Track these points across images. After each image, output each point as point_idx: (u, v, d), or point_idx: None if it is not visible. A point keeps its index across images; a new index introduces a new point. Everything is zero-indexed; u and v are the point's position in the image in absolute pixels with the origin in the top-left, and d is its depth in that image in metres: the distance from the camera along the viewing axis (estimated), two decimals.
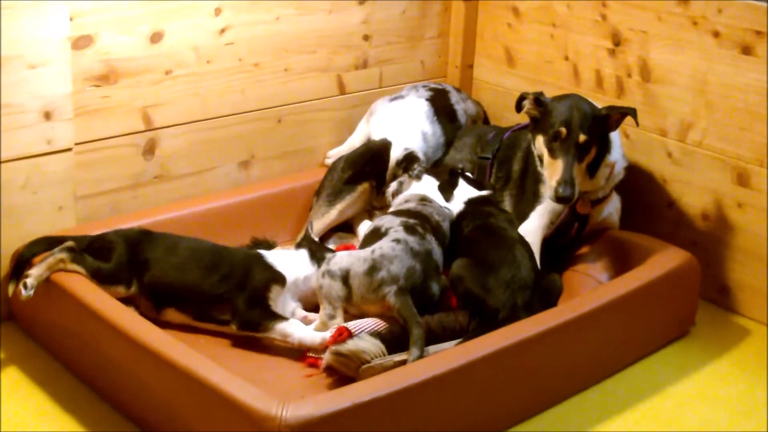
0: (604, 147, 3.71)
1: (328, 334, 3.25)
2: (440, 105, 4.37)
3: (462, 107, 4.48)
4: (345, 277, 3.34)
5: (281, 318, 3.32)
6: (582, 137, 3.59)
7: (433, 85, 4.51)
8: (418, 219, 3.54)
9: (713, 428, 3.25)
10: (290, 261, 3.52)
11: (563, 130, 3.60)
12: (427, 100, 4.35)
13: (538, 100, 3.72)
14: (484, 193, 3.79)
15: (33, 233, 3.52)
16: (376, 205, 4.10)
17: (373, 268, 3.32)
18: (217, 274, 3.41)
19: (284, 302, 3.43)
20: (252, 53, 4.08)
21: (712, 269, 3.98)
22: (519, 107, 3.77)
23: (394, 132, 4.15)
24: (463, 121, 4.45)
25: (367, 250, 3.39)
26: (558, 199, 3.59)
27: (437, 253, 3.50)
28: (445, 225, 3.64)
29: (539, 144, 3.70)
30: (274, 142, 4.27)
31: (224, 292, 3.38)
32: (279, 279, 3.43)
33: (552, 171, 3.62)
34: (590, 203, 3.80)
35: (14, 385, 3.24)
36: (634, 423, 3.25)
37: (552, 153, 3.63)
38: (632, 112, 3.70)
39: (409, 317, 3.20)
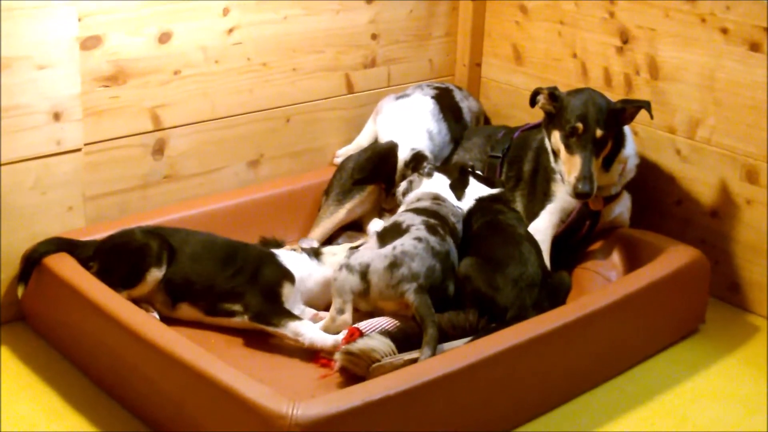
0: (619, 141, 3.72)
1: (340, 337, 3.25)
2: (446, 103, 4.37)
3: (466, 105, 4.48)
4: (364, 273, 3.33)
5: (294, 316, 3.33)
6: (599, 132, 3.59)
7: (437, 84, 4.51)
8: (438, 219, 3.54)
9: (723, 425, 3.25)
10: (297, 261, 3.54)
11: (580, 125, 3.60)
12: (433, 98, 4.35)
13: (553, 95, 3.71)
14: (494, 191, 3.79)
15: (42, 234, 3.53)
16: (386, 207, 4.11)
17: (393, 264, 3.31)
18: (230, 268, 3.43)
19: (293, 303, 3.44)
20: (260, 53, 4.09)
21: (721, 266, 3.97)
22: (533, 102, 3.77)
23: (400, 131, 4.15)
24: (468, 119, 4.45)
25: (388, 247, 3.39)
26: (577, 194, 3.58)
27: (454, 254, 3.49)
28: (459, 226, 3.64)
29: (555, 139, 3.70)
30: (282, 142, 4.28)
31: (236, 285, 3.39)
32: (290, 277, 3.45)
33: (570, 167, 3.62)
34: (602, 200, 3.80)
35: (25, 385, 3.25)
36: (645, 421, 3.24)
37: (569, 149, 3.63)
38: (646, 105, 3.70)
39: (426, 316, 3.20)
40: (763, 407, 3.35)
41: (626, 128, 3.79)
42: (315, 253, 3.60)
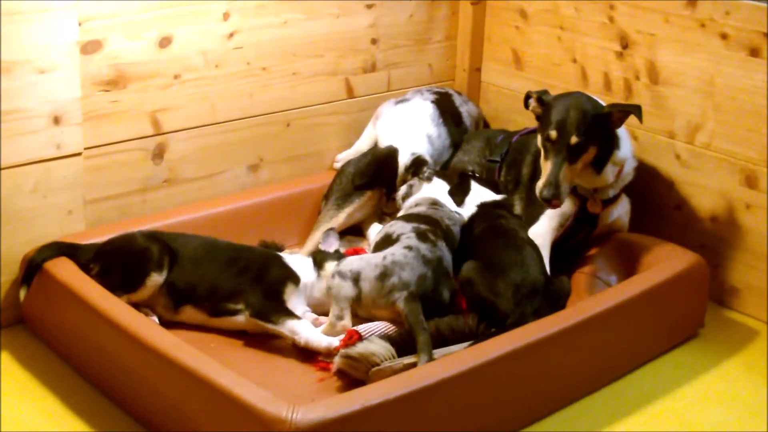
0: (609, 144, 3.69)
1: (335, 341, 3.26)
2: (445, 107, 4.38)
3: (465, 109, 4.49)
4: (356, 279, 3.35)
5: (293, 315, 3.35)
6: (574, 139, 3.57)
7: (436, 89, 4.52)
8: (429, 224, 3.54)
9: (723, 429, 3.25)
10: (303, 265, 3.54)
11: (553, 133, 3.59)
12: (433, 102, 4.36)
13: (541, 99, 3.72)
14: (498, 197, 3.79)
15: (42, 238, 3.54)
16: (386, 211, 4.11)
17: (384, 274, 3.33)
18: (234, 269, 3.44)
19: (296, 304, 3.45)
20: (260, 57, 4.09)
21: (720, 271, 3.98)
22: (526, 105, 3.78)
23: (399, 135, 4.16)
24: (468, 123, 4.46)
25: (379, 256, 3.40)
26: (542, 199, 3.58)
27: (448, 259, 3.50)
28: (455, 229, 3.64)
29: (539, 143, 3.71)
30: (282, 146, 4.28)
31: (239, 284, 3.40)
32: (294, 278, 3.46)
33: (543, 171, 3.63)
34: (601, 203, 3.80)
35: (24, 388, 3.25)
36: (644, 425, 3.25)
37: (545, 153, 3.63)
38: (635, 109, 3.66)
39: (414, 324, 3.21)
40: (763, 411, 3.35)
41: (623, 131, 3.76)
42: (320, 265, 3.58)
